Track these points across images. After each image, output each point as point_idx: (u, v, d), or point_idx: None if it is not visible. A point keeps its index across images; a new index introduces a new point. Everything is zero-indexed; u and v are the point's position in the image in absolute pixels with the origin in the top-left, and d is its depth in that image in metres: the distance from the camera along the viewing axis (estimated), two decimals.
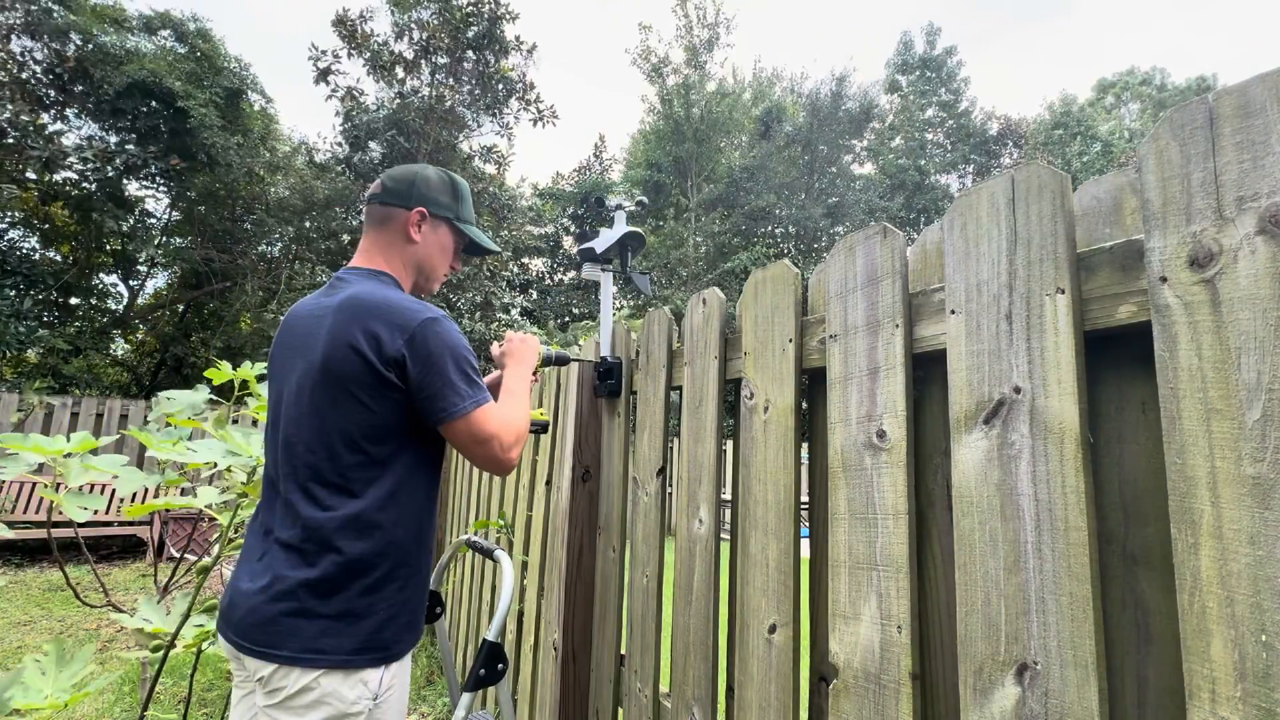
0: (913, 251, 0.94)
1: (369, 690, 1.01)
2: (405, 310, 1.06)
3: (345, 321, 1.05)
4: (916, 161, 22.59)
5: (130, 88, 8.67)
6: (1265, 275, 0.56)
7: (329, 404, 1.04)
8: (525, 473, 2.35)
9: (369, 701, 1.01)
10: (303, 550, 1.01)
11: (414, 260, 1.22)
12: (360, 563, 1.02)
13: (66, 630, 3.84)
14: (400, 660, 1.07)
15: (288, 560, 1.02)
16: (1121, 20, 67.05)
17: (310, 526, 1.01)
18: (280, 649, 0.97)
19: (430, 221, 1.21)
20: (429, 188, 1.21)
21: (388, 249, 1.20)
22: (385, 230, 1.20)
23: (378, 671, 1.02)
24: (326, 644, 0.98)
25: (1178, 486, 0.60)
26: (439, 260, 1.25)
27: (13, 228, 9.90)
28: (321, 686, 0.98)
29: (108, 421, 6.31)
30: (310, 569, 1.00)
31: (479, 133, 12.54)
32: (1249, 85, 0.58)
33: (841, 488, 0.95)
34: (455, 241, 1.28)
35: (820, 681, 1.03)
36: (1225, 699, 0.55)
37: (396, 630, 1.05)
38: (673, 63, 20.71)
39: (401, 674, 1.08)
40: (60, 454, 1.54)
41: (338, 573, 1.00)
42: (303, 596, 0.99)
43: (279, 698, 0.97)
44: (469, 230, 1.28)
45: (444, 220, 1.23)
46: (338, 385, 1.03)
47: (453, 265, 1.30)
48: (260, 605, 1.00)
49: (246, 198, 10.58)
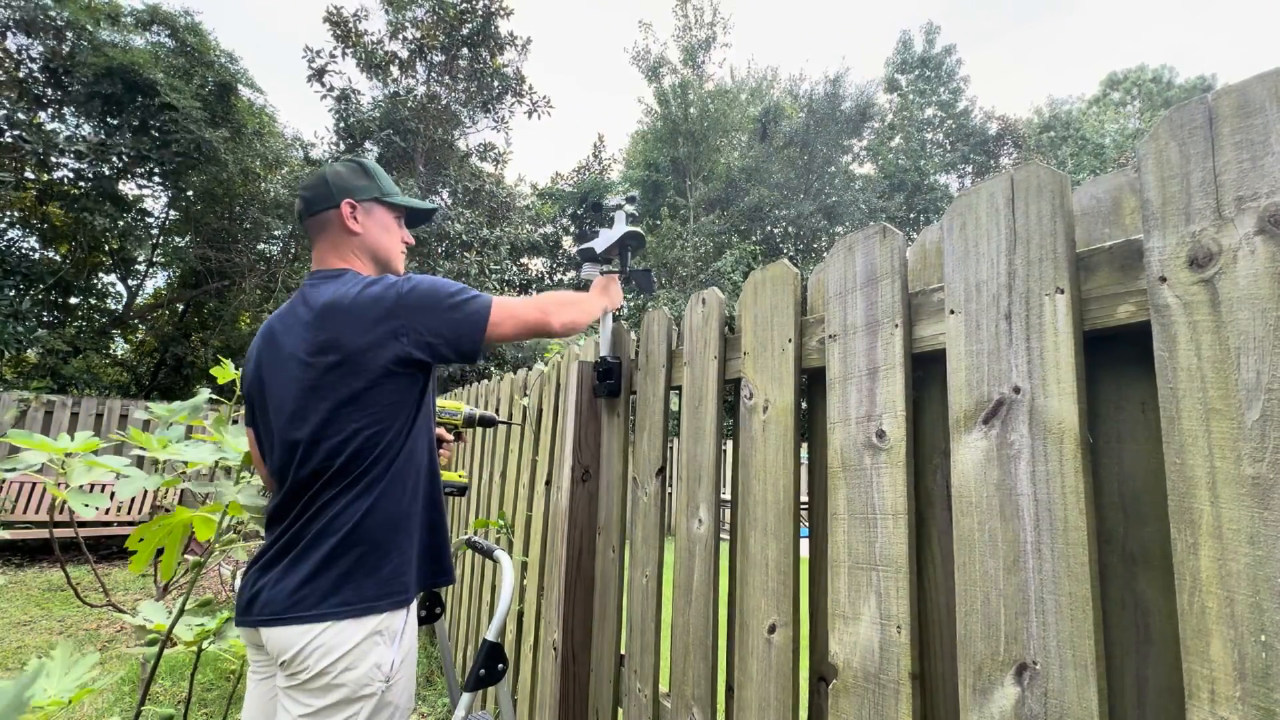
0: (912, 251, 0.94)
1: (381, 672, 1.06)
2: (375, 294, 1.11)
3: (315, 322, 1.11)
4: (916, 161, 22.57)
5: (109, 74, 8.62)
6: (1265, 275, 0.56)
7: (317, 398, 1.09)
8: (525, 472, 2.35)
9: (381, 684, 1.06)
10: (311, 536, 1.07)
11: (365, 249, 1.26)
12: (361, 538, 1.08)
13: (66, 630, 3.84)
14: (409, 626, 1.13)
15: (299, 549, 1.07)
16: (1125, 19, 67.08)
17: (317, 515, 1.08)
18: (299, 612, 1.04)
19: (361, 208, 1.25)
20: (342, 179, 1.25)
21: (340, 250, 1.24)
22: (328, 235, 1.24)
23: (393, 616, 1.09)
24: (347, 594, 1.05)
25: (1177, 486, 0.60)
26: (387, 240, 1.29)
27: (11, 227, 9.89)
28: (338, 669, 1.03)
29: (107, 422, 6.31)
30: (318, 550, 1.06)
31: (475, 130, 12.55)
32: (1248, 85, 0.58)
33: (841, 487, 0.95)
34: (393, 216, 1.31)
35: (820, 681, 1.03)
36: (1225, 699, 0.55)
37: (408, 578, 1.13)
38: (670, 62, 20.70)
39: (409, 658, 1.14)
40: (63, 453, 1.55)
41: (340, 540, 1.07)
42: (315, 574, 1.06)
43: (299, 680, 1.04)
44: (400, 200, 1.31)
45: (372, 201, 1.26)
46: (327, 379, 1.09)
47: (403, 239, 1.34)
48: (277, 590, 1.06)
49: (244, 196, 10.57)
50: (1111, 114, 26.43)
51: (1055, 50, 67.46)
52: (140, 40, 9.78)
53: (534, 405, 2.35)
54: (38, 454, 1.53)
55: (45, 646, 3.52)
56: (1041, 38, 67.80)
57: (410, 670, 1.14)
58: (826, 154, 21.16)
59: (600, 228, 1.71)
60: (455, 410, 1.64)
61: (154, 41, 9.89)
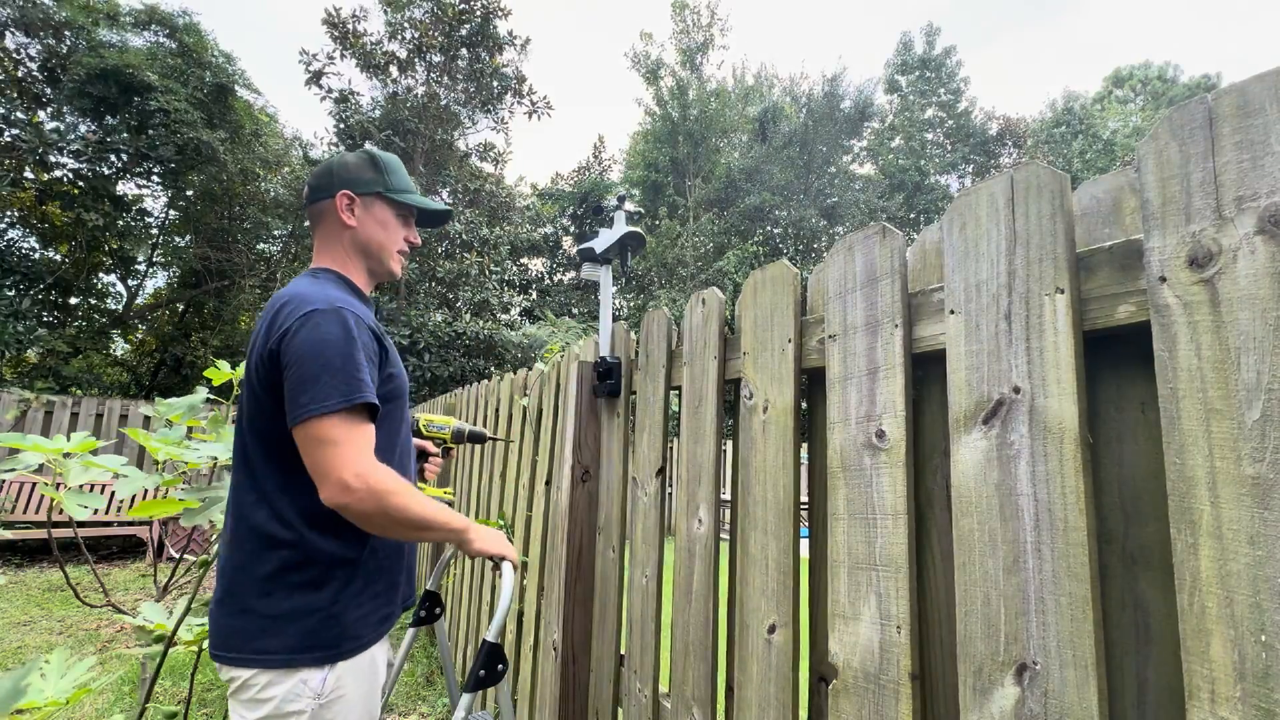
0: (912, 251, 0.94)
1: (310, 689, 1.01)
2: (296, 305, 1.04)
3: (262, 326, 1.08)
4: (916, 162, 22.58)
5: (102, 75, 8.61)
6: (1265, 275, 0.56)
7: (255, 408, 1.07)
8: (525, 472, 2.35)
9: (311, 700, 1.01)
10: (246, 552, 1.05)
11: (356, 244, 1.21)
12: (294, 560, 1.04)
13: (66, 630, 3.84)
14: (351, 659, 1.05)
15: (233, 562, 1.06)
16: (1131, 16, 67.04)
17: (246, 528, 1.05)
18: (229, 652, 1.02)
19: (361, 201, 1.20)
20: (348, 170, 1.20)
21: (331, 243, 1.21)
22: (323, 225, 1.21)
23: (319, 672, 1.02)
24: (266, 644, 1.01)
25: (1177, 486, 0.60)
26: (383, 236, 1.22)
27: (11, 227, 9.89)
28: (259, 684, 1.00)
29: (107, 421, 6.31)
30: (249, 570, 1.03)
31: (475, 130, 12.55)
32: (1248, 85, 0.58)
33: (841, 488, 0.95)
34: (395, 213, 1.24)
35: (820, 682, 1.03)
36: (1225, 699, 0.55)
37: (340, 629, 1.05)
38: (668, 65, 20.71)
39: (359, 675, 1.07)
40: (60, 453, 1.54)
41: (273, 572, 1.03)
42: (247, 598, 1.03)
43: (231, 689, 1.03)
44: (407, 198, 1.24)
45: (374, 195, 1.21)
46: (258, 389, 1.06)
47: (407, 238, 1.27)
48: (219, 615, 1.05)
49: (243, 196, 10.57)
50: (1114, 110, 26.39)
51: (1060, 49, 67.51)
52: (138, 40, 9.79)
53: (534, 405, 2.35)
54: (36, 454, 1.53)
55: (45, 647, 3.51)
56: (1046, 36, 67.86)
57: (361, 689, 1.07)
58: (826, 154, 21.17)
59: (600, 228, 1.71)
60: (444, 425, 1.58)
61: (152, 42, 9.89)
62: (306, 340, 1.00)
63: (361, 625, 1.08)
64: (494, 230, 11.75)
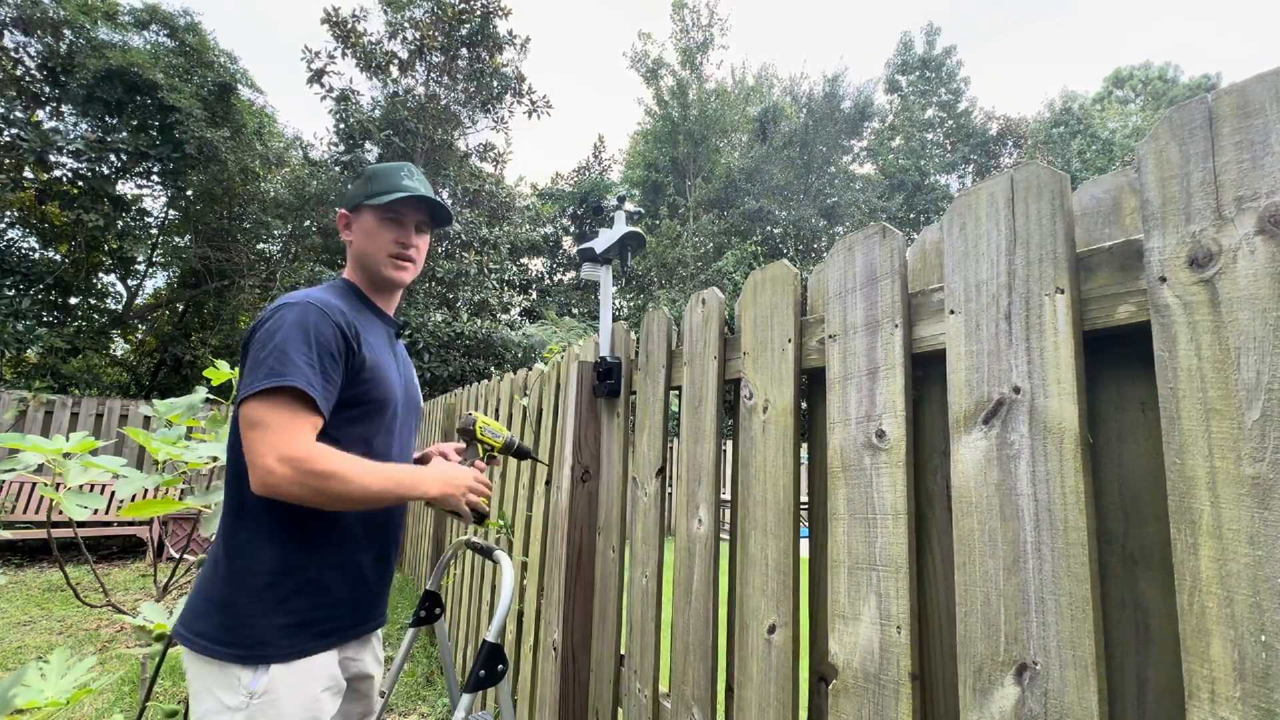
0: (912, 251, 0.94)
1: (243, 686, 1.01)
2: (278, 301, 1.11)
3: None
4: (916, 162, 22.57)
5: (109, 76, 8.62)
6: (1264, 275, 0.56)
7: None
8: (525, 472, 2.35)
9: (243, 696, 1.00)
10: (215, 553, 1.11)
11: (354, 257, 1.27)
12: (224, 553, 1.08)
13: (66, 630, 3.84)
14: (287, 665, 1.03)
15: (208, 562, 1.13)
16: (1130, 16, 67.05)
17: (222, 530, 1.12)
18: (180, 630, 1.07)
19: (352, 217, 1.27)
20: (347, 191, 1.31)
21: (348, 258, 1.30)
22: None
23: (249, 672, 1.01)
24: (200, 627, 1.04)
25: (1177, 486, 0.60)
26: (370, 245, 1.24)
27: (10, 227, 9.89)
28: (194, 672, 1.04)
29: (107, 421, 6.31)
30: (212, 565, 1.10)
31: (475, 130, 12.55)
32: (1248, 85, 0.58)
33: (841, 488, 0.95)
34: (379, 218, 1.23)
35: (820, 682, 1.03)
36: (1224, 699, 0.55)
37: (273, 631, 1.04)
38: (668, 65, 20.69)
39: (299, 682, 1.04)
40: (60, 454, 1.54)
41: (213, 561, 1.09)
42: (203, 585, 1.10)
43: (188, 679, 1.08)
44: (383, 199, 1.21)
45: (360, 208, 1.26)
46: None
47: (397, 239, 1.24)
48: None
49: (244, 196, 10.56)
50: (1114, 110, 26.38)
51: (1060, 49, 67.53)
52: (139, 40, 9.78)
53: (534, 405, 2.35)
54: (36, 454, 1.53)
55: (45, 647, 3.51)
56: (1046, 36, 67.87)
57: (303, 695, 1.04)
58: (826, 154, 21.16)
59: (600, 228, 1.71)
60: (499, 433, 1.49)
61: (153, 41, 9.88)
62: (261, 330, 1.05)
63: (275, 633, 1.04)
64: (494, 230, 11.75)
